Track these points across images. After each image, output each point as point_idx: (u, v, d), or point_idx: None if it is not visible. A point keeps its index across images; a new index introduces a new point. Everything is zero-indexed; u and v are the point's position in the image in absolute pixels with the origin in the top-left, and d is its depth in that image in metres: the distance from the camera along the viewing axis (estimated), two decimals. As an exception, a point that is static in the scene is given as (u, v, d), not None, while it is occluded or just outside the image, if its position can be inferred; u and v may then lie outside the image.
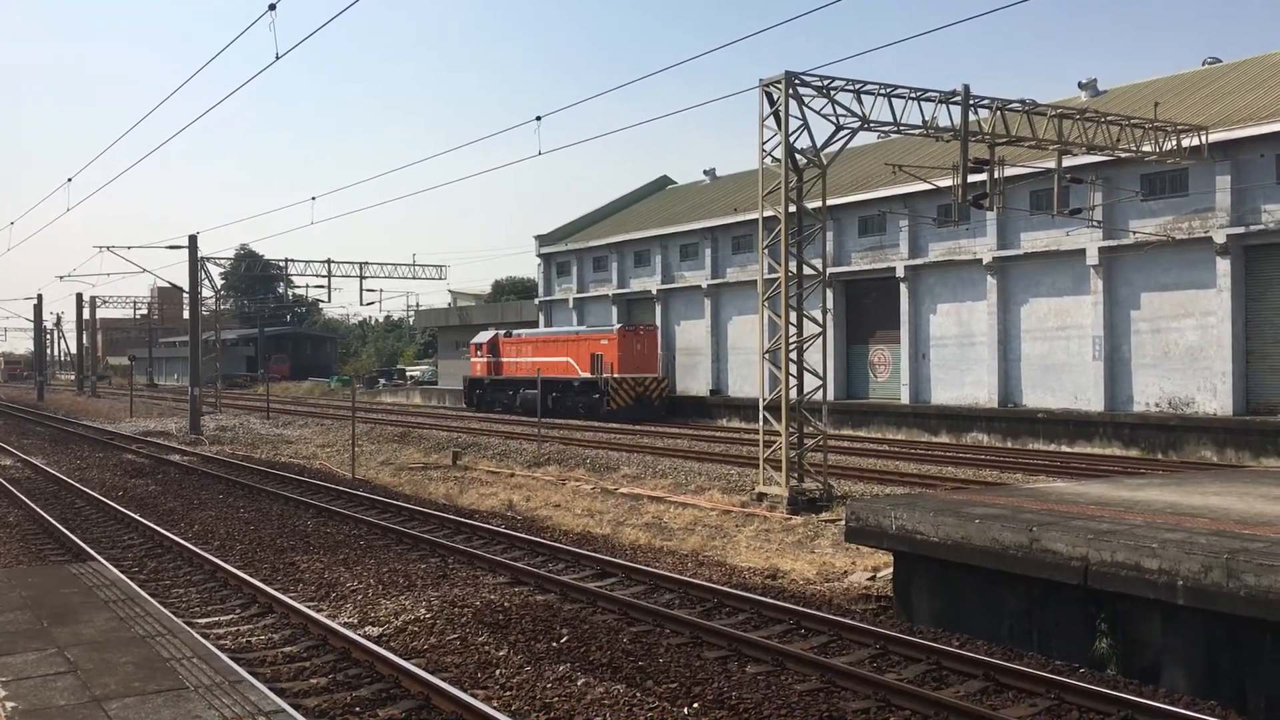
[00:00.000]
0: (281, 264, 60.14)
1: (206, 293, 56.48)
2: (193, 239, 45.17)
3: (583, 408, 47.06)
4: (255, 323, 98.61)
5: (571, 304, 58.01)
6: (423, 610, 12.70)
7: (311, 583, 14.60)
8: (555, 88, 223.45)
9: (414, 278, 58.59)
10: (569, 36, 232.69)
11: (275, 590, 13.56)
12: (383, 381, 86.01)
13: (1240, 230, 30.02)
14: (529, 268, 70.29)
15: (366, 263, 56.13)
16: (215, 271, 68.66)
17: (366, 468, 29.46)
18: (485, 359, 54.27)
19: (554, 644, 11.21)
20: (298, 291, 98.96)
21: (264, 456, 33.74)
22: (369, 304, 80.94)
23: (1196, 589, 9.59)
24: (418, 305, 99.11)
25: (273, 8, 17.57)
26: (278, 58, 19.02)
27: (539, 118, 23.21)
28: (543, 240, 61.19)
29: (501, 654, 10.89)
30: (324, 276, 55.56)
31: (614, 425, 43.11)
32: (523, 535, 17.63)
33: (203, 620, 12.51)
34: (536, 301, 62.09)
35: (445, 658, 10.85)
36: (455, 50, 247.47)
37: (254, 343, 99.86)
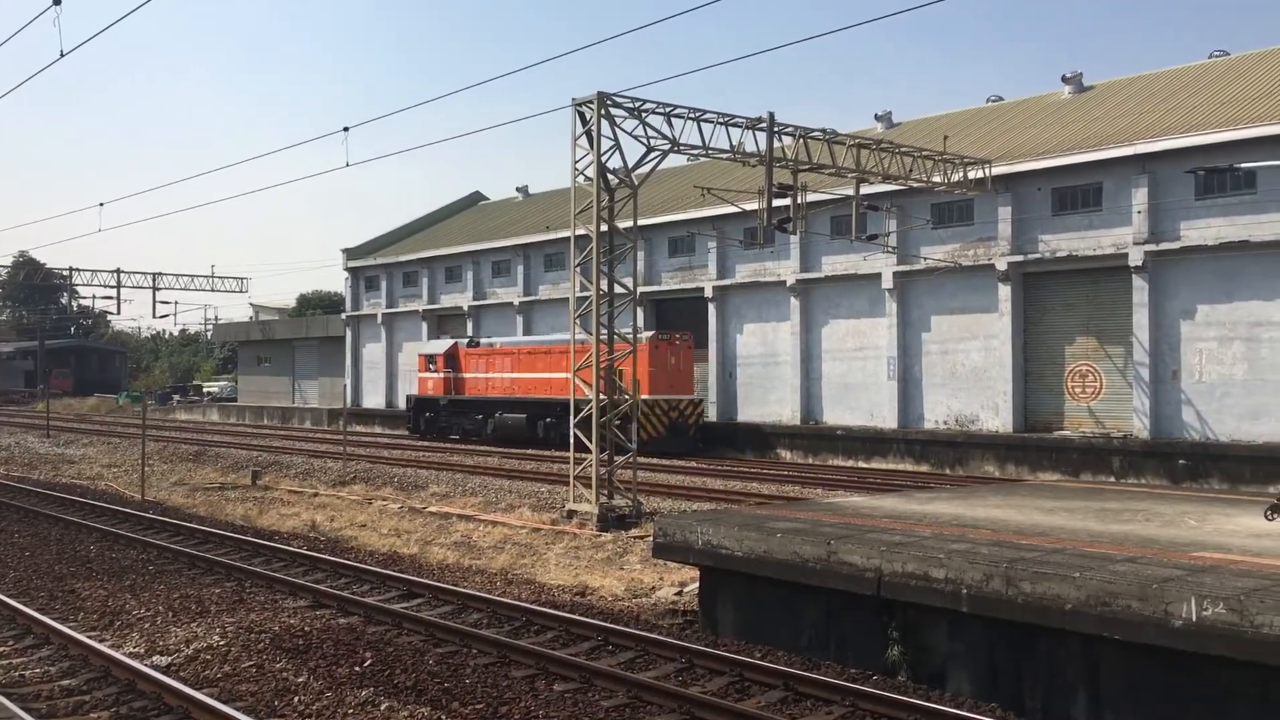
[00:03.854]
0: (65, 273, 56.71)
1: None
2: (-36, 244, 42.06)
3: None
4: (35, 335, 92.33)
5: (380, 319, 56.83)
6: (216, 637, 12.13)
7: (94, 611, 13.75)
8: (364, 99, 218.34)
9: (213, 289, 56.41)
10: (380, 47, 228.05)
11: (52, 620, 12.69)
12: (177, 398, 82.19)
13: (1020, 258, 32.07)
14: (336, 282, 68.37)
15: (160, 273, 53.73)
16: (-10, 279, 64.10)
17: (158, 489, 27.98)
18: (440, 374, 44.34)
19: (357, 668, 10.91)
20: (84, 302, 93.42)
21: (42, 478, 31.63)
22: (162, 316, 77.19)
23: (979, 597, 10.16)
24: (216, 318, 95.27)
25: (57, 2, 16.57)
26: (62, 55, 17.94)
27: (347, 129, 22.70)
28: (350, 254, 59.74)
29: (301, 680, 10.51)
30: (113, 287, 52.77)
31: (422, 444, 42.31)
32: (326, 556, 17.10)
33: (-31, 655, 11.59)
34: (344, 316, 60.55)
35: (240, 686, 10.40)
36: (258, 55, 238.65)
37: (33, 356, 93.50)
